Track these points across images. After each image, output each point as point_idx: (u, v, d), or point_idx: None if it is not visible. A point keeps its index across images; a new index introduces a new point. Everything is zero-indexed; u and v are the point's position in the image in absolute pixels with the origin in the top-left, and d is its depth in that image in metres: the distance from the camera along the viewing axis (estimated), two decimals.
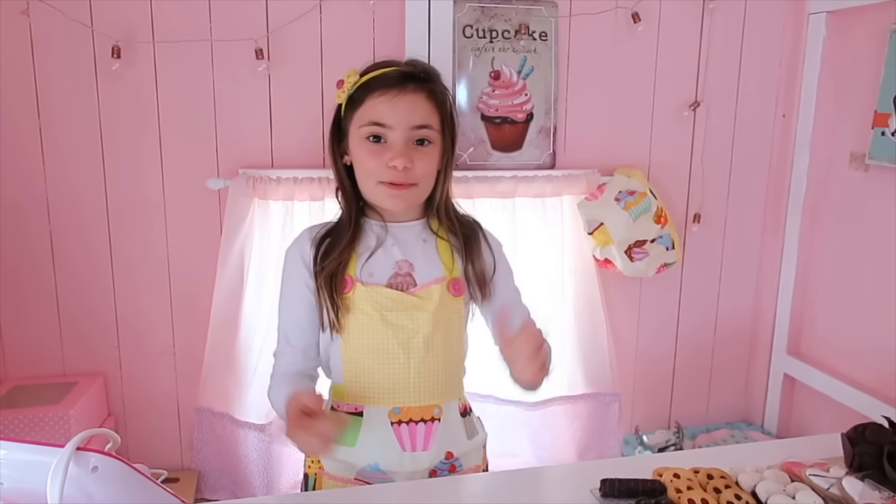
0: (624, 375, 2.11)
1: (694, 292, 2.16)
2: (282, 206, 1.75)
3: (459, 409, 1.15)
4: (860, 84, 1.85)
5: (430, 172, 1.11)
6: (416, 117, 1.07)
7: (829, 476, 1.01)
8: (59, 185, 1.72)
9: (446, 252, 1.14)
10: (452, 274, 1.13)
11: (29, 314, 1.75)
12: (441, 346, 1.10)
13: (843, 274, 1.95)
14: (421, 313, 1.09)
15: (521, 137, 1.90)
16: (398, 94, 1.07)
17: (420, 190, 1.10)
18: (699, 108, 2.02)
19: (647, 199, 1.87)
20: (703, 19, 1.98)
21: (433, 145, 1.10)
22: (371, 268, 1.10)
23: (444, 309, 1.10)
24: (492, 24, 1.83)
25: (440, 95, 1.12)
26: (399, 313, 1.08)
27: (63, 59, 1.67)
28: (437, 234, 1.15)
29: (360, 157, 1.09)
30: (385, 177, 1.07)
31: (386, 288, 1.09)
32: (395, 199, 1.08)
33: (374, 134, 1.07)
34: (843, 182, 1.92)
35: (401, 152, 1.06)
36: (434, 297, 1.10)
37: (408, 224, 1.15)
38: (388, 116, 1.06)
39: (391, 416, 1.09)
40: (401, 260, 1.11)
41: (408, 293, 1.09)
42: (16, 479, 0.74)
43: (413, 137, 1.08)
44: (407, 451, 1.09)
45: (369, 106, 1.08)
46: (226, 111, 1.76)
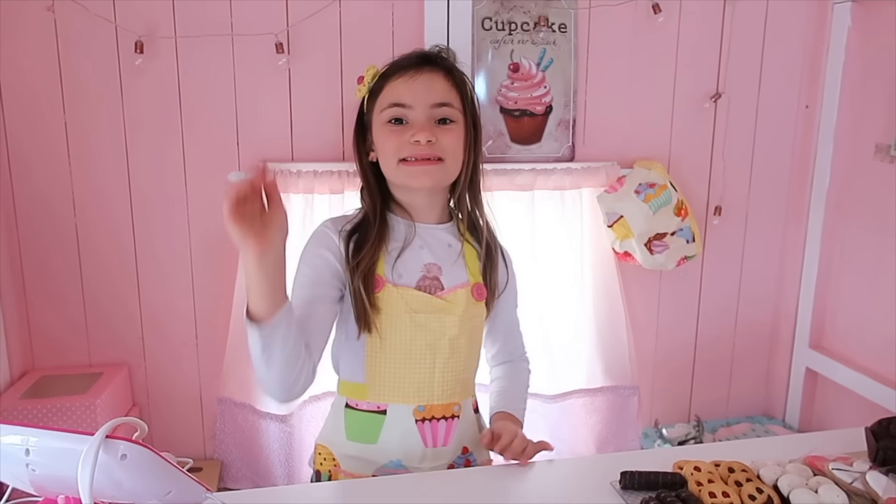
0: (643, 368, 2.11)
1: (714, 285, 2.14)
2: (302, 200, 1.76)
3: (472, 405, 1.19)
4: (885, 74, 1.82)
5: (457, 150, 1.08)
6: (434, 95, 1.06)
7: (852, 470, 1.00)
8: (85, 179, 1.75)
9: (472, 257, 1.15)
10: (476, 279, 1.14)
11: (56, 306, 1.79)
12: (465, 347, 1.13)
13: (867, 267, 1.92)
14: (448, 317, 1.09)
15: (540, 130, 1.89)
16: (415, 74, 1.07)
17: (447, 168, 1.08)
18: (720, 100, 1.99)
19: (667, 192, 1.86)
20: (724, 9, 1.96)
21: (456, 124, 1.08)
22: (400, 269, 1.09)
23: (469, 313, 1.12)
24: (511, 16, 1.82)
25: (458, 75, 1.11)
26: (428, 315, 1.08)
27: (87, 55, 1.69)
28: (464, 237, 1.15)
29: (382, 141, 1.08)
30: (408, 152, 1.05)
31: (416, 291, 1.08)
32: (421, 176, 1.06)
33: (395, 117, 1.07)
34: (868, 174, 1.89)
35: (423, 127, 1.05)
36: (461, 302, 1.10)
37: (435, 227, 1.14)
38: (406, 96, 1.06)
39: (416, 413, 1.10)
40: (429, 263, 1.11)
41: (436, 296, 1.10)
42: (47, 465, 0.75)
43: (434, 116, 1.07)
44: (429, 446, 1.11)
45: (388, 90, 1.08)
46: (246, 105, 1.78)
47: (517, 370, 1.27)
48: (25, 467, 0.75)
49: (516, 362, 1.28)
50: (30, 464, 0.75)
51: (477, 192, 1.16)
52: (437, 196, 1.13)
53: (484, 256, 1.15)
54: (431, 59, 1.10)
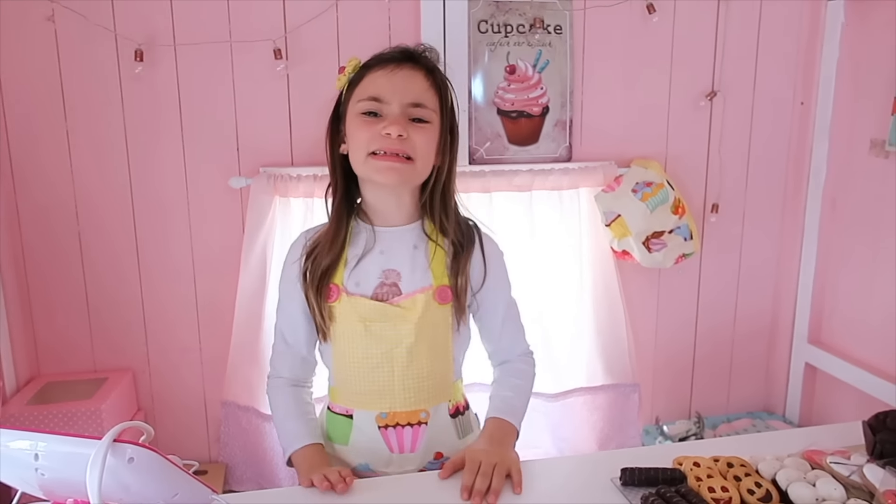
0: (644, 366, 2.12)
1: (713, 282, 2.15)
2: (302, 204, 1.78)
3: (449, 410, 1.14)
4: (879, 70, 1.83)
5: (428, 151, 1.05)
6: (412, 93, 1.04)
7: (849, 463, 1.01)
8: (87, 187, 1.76)
9: (438, 258, 1.10)
10: (440, 281, 1.09)
11: (60, 313, 1.80)
12: (426, 353, 1.09)
13: (864, 262, 1.93)
14: (404, 324, 1.07)
15: (537, 131, 1.90)
16: (395, 69, 1.05)
17: (417, 169, 1.05)
18: (716, 98, 2.01)
19: (664, 190, 1.87)
20: (718, 8, 1.97)
21: (430, 125, 1.06)
22: (358, 276, 1.08)
23: (428, 318, 1.08)
24: (506, 18, 1.84)
25: (439, 76, 1.09)
26: (382, 324, 1.07)
27: (88, 63, 1.70)
28: (429, 237, 1.11)
29: (354, 131, 1.06)
30: (378, 145, 1.02)
31: (369, 300, 1.07)
32: (389, 172, 1.03)
33: (370, 109, 1.04)
34: (864, 169, 1.91)
35: (395, 120, 1.02)
36: (418, 307, 1.07)
37: (399, 229, 1.11)
38: (384, 89, 1.04)
39: (378, 420, 1.10)
40: (388, 269, 1.08)
41: (391, 303, 1.07)
42: (55, 469, 0.76)
43: (409, 114, 1.04)
44: (395, 452, 1.10)
45: (366, 81, 1.06)
46: (246, 111, 1.79)
47: (512, 371, 1.20)
48: (35, 472, 0.77)
49: (513, 362, 1.21)
50: (39, 468, 0.76)
51: (448, 197, 1.12)
52: (404, 195, 1.10)
53: (451, 257, 1.10)
54: (414, 57, 1.08)
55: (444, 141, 1.08)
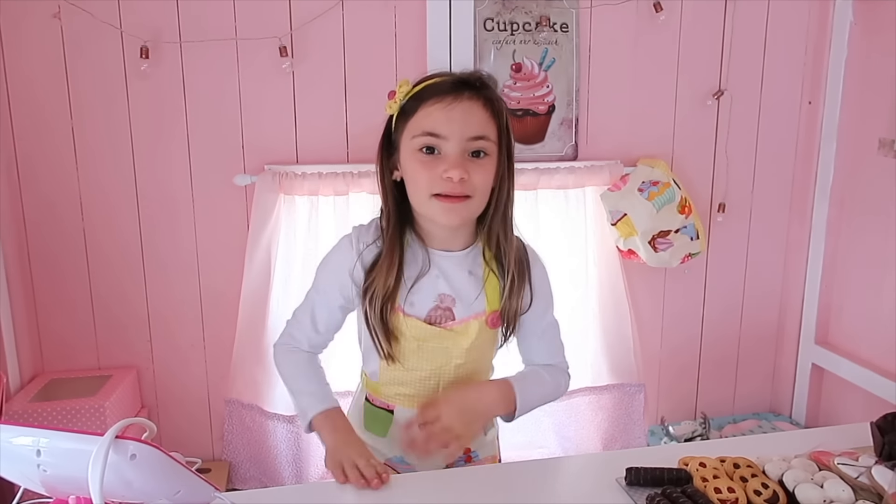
0: (649, 366, 2.11)
1: (719, 282, 2.14)
2: (307, 201, 1.78)
3: None
4: (887, 69, 1.82)
5: (486, 185, 1.04)
6: (472, 127, 1.01)
7: (858, 465, 1.00)
8: (92, 184, 1.76)
9: (492, 285, 1.10)
10: (493, 307, 1.10)
11: (64, 310, 1.80)
12: (471, 368, 1.12)
13: (872, 262, 1.92)
14: (455, 347, 1.09)
15: (543, 129, 1.90)
16: (453, 102, 1.00)
17: (474, 204, 1.03)
18: (723, 97, 2.00)
19: (670, 190, 1.86)
20: (726, 6, 1.96)
21: (489, 158, 1.03)
22: (413, 298, 1.08)
23: (479, 340, 1.09)
24: (512, 16, 1.83)
25: (497, 104, 1.04)
26: (435, 343, 1.08)
27: (93, 61, 1.70)
28: (487, 264, 1.09)
29: (413, 170, 1.03)
30: (439, 188, 1.00)
31: (424, 323, 1.08)
32: (450, 214, 1.02)
33: (428, 145, 1.01)
34: (872, 169, 1.89)
35: (456, 163, 0.99)
36: (471, 333, 1.08)
37: (455, 254, 1.09)
38: (442, 126, 1.00)
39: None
40: (443, 293, 1.08)
41: (444, 327, 1.08)
42: (58, 466, 0.76)
43: (469, 149, 1.01)
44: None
45: (422, 115, 1.02)
46: (251, 108, 1.79)
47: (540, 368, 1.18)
48: (37, 468, 0.76)
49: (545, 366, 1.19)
50: (41, 464, 0.76)
51: (507, 221, 1.10)
52: (459, 235, 1.09)
53: (507, 288, 1.09)
54: (471, 86, 1.03)
55: (502, 165, 1.06)
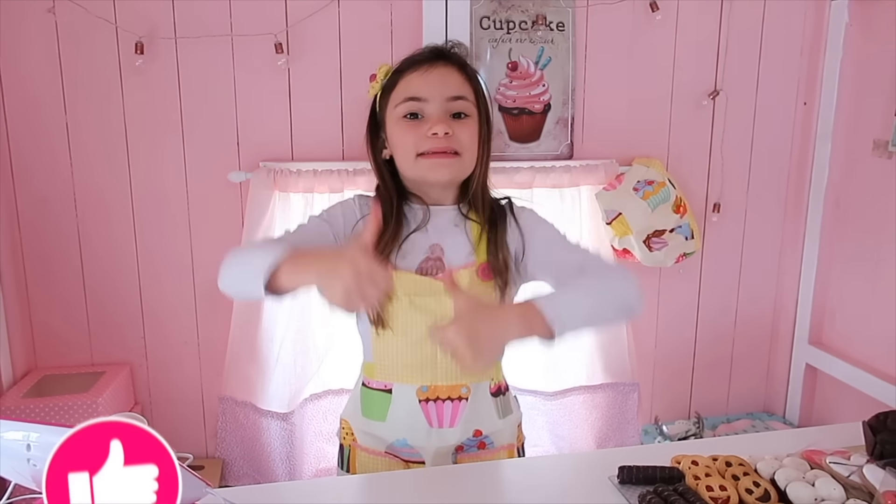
0: (643, 365, 2.11)
1: (714, 282, 2.15)
2: (302, 199, 1.77)
3: (491, 388, 1.15)
4: (883, 71, 1.82)
5: (472, 144, 1.07)
6: (450, 88, 1.06)
7: (849, 464, 1.00)
8: (86, 180, 1.76)
9: (478, 237, 1.12)
10: (483, 259, 1.10)
11: (58, 306, 1.80)
12: None
13: (865, 263, 1.93)
14: (447, 297, 1.06)
15: (538, 128, 1.90)
16: (430, 68, 1.07)
17: (463, 162, 1.07)
18: (719, 97, 2.00)
19: (665, 189, 1.87)
20: (722, 6, 1.97)
21: (471, 118, 1.08)
22: (405, 250, 1.10)
23: (473, 293, 1.08)
24: (508, 15, 1.83)
25: (471, 70, 1.11)
26: (427, 298, 1.08)
27: (88, 56, 1.70)
28: (468, 217, 1.12)
29: (398, 136, 1.07)
30: (425, 146, 1.04)
31: (414, 275, 1.09)
32: (440, 169, 1.05)
33: (411, 111, 1.06)
34: (866, 170, 1.90)
35: (440, 119, 1.04)
36: (463, 282, 1.08)
37: (443, 208, 1.12)
38: (421, 89, 1.05)
39: (419, 393, 1.11)
40: (433, 244, 1.10)
41: (436, 278, 1.09)
42: (47, 460, 0.76)
43: (450, 109, 1.06)
44: (434, 427, 1.11)
45: (402, 84, 1.07)
46: (246, 105, 1.79)
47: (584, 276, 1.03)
48: (27, 462, 0.76)
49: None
50: (31, 458, 0.76)
51: (486, 187, 1.14)
52: (449, 190, 1.12)
53: (487, 232, 1.11)
54: (445, 54, 1.09)
55: (483, 133, 1.10)
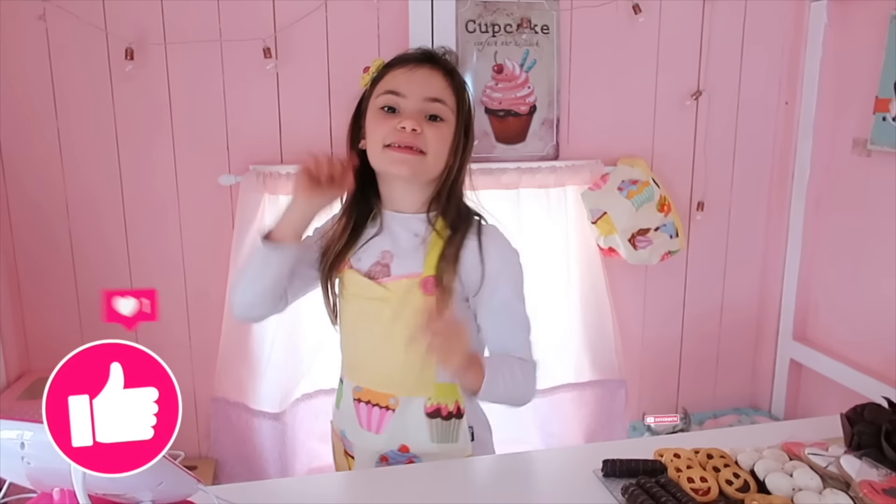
0: (631, 362, 2.14)
1: (699, 279, 2.18)
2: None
3: (426, 408, 1.11)
4: (861, 70, 1.85)
5: (441, 148, 1.08)
6: (430, 89, 1.08)
7: (827, 455, 1.03)
8: (77, 184, 1.77)
9: (435, 250, 1.10)
10: (430, 272, 1.09)
11: (50, 308, 1.81)
12: (401, 339, 1.03)
13: (848, 259, 1.96)
14: (384, 304, 1.09)
15: (524, 129, 1.93)
16: (415, 67, 1.10)
17: (427, 162, 1.07)
18: (701, 97, 2.03)
19: (649, 188, 1.89)
20: (704, 8, 2.00)
21: (446, 123, 1.09)
22: (362, 254, 1.14)
23: (410, 304, 1.07)
24: (494, 18, 1.86)
25: (458, 78, 1.13)
26: (366, 301, 1.11)
27: (79, 62, 1.71)
28: (435, 229, 1.11)
29: (372, 126, 1.10)
30: (392, 139, 1.06)
31: (360, 276, 1.11)
32: (401, 163, 1.06)
33: (389, 104, 1.08)
34: (847, 168, 1.93)
35: (411, 115, 1.06)
36: (400, 291, 1.08)
37: (404, 215, 1.13)
38: (402, 85, 1.08)
39: (354, 392, 1.15)
40: (386, 250, 1.12)
41: (378, 282, 1.10)
42: (41, 458, 0.77)
43: (426, 110, 1.08)
44: (363, 427, 1.14)
45: (387, 78, 1.11)
46: (236, 109, 1.80)
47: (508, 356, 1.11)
48: (21, 460, 0.78)
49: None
50: (25, 457, 0.77)
51: (456, 195, 1.13)
52: (415, 188, 1.12)
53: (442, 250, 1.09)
54: (434, 57, 1.12)
55: (458, 141, 1.11)
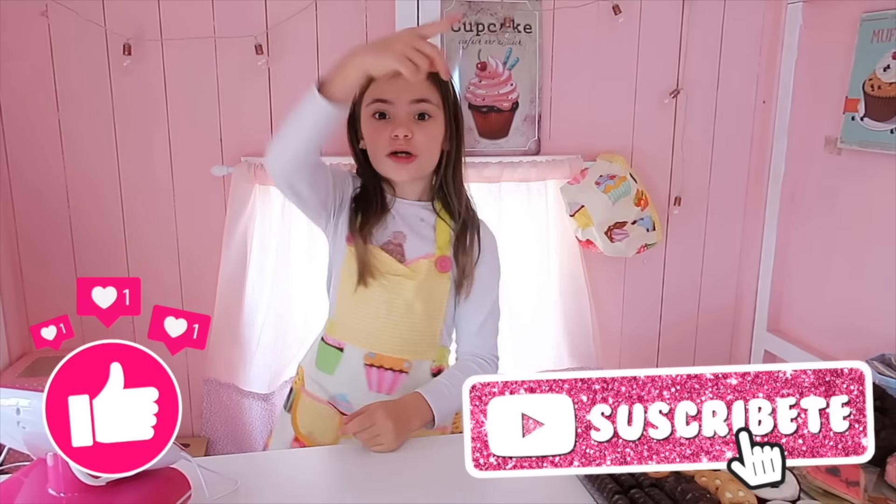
0: (609, 352, 2.21)
1: (677, 272, 2.24)
2: (281, 193, 1.86)
3: (432, 369, 1.25)
4: (833, 71, 1.91)
5: (431, 146, 1.20)
6: (414, 91, 1.17)
7: None
8: (77, 174, 1.86)
9: (443, 232, 1.24)
10: (442, 252, 1.22)
11: (51, 291, 1.90)
12: (421, 311, 1.20)
13: (819, 253, 2.02)
14: (408, 282, 1.20)
15: (507, 125, 1.99)
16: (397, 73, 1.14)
17: (421, 162, 1.19)
18: (679, 96, 2.09)
19: (626, 183, 1.96)
20: (683, 9, 2.05)
21: (434, 120, 1.19)
22: (374, 230, 1.22)
23: (429, 282, 1.21)
24: (478, 17, 1.93)
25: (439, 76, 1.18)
26: (387, 275, 1.20)
27: (79, 57, 1.80)
28: (438, 214, 1.24)
29: (369, 135, 1.20)
30: (390, 148, 1.17)
31: (382, 251, 1.20)
32: (399, 171, 1.19)
33: (379, 111, 1.18)
34: (819, 166, 1.99)
35: (402, 122, 1.16)
36: (421, 272, 1.20)
37: (413, 202, 1.25)
38: (388, 92, 1.17)
39: (366, 358, 1.21)
40: (397, 231, 1.23)
41: (402, 263, 1.20)
42: (37, 423, 0.83)
43: (414, 111, 1.18)
44: (373, 391, 1.21)
45: (373, 86, 1.19)
46: (229, 103, 1.88)
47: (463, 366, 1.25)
48: (17, 425, 0.85)
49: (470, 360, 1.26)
50: (20, 422, 0.84)
51: (458, 179, 1.27)
52: (416, 181, 1.24)
53: (458, 231, 1.23)
54: None
55: (450, 129, 1.23)
